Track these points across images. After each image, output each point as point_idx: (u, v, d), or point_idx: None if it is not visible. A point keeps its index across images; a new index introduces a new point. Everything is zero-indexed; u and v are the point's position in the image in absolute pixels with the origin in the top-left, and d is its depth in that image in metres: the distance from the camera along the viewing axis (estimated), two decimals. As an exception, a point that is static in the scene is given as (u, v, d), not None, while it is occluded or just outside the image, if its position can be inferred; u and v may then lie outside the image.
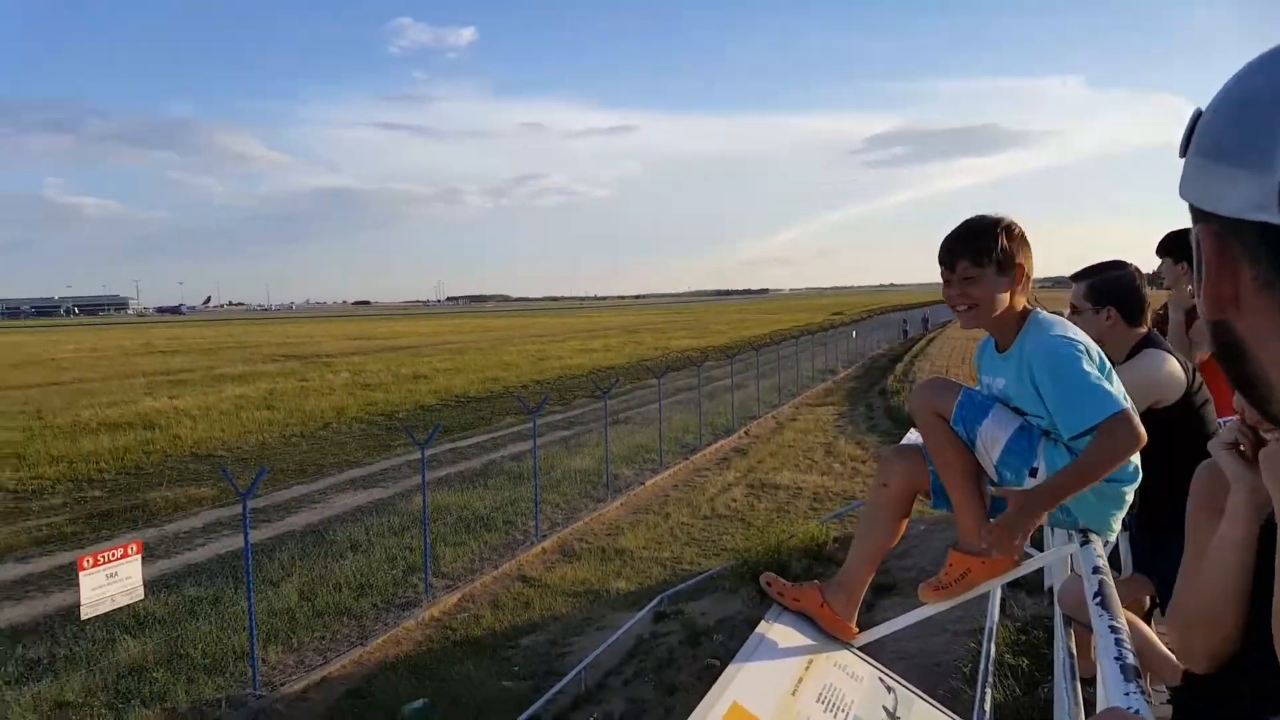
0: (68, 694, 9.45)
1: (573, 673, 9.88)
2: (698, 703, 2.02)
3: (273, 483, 18.95)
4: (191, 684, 9.86)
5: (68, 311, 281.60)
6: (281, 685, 10.14)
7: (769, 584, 2.67)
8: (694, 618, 11.43)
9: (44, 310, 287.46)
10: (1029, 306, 2.52)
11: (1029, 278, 2.48)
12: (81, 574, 8.27)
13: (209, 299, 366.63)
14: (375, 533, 15.55)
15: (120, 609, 8.95)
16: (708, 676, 9.58)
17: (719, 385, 31.44)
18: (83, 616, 8.51)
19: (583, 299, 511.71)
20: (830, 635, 2.57)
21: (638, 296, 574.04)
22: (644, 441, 23.20)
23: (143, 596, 9.02)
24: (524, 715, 8.92)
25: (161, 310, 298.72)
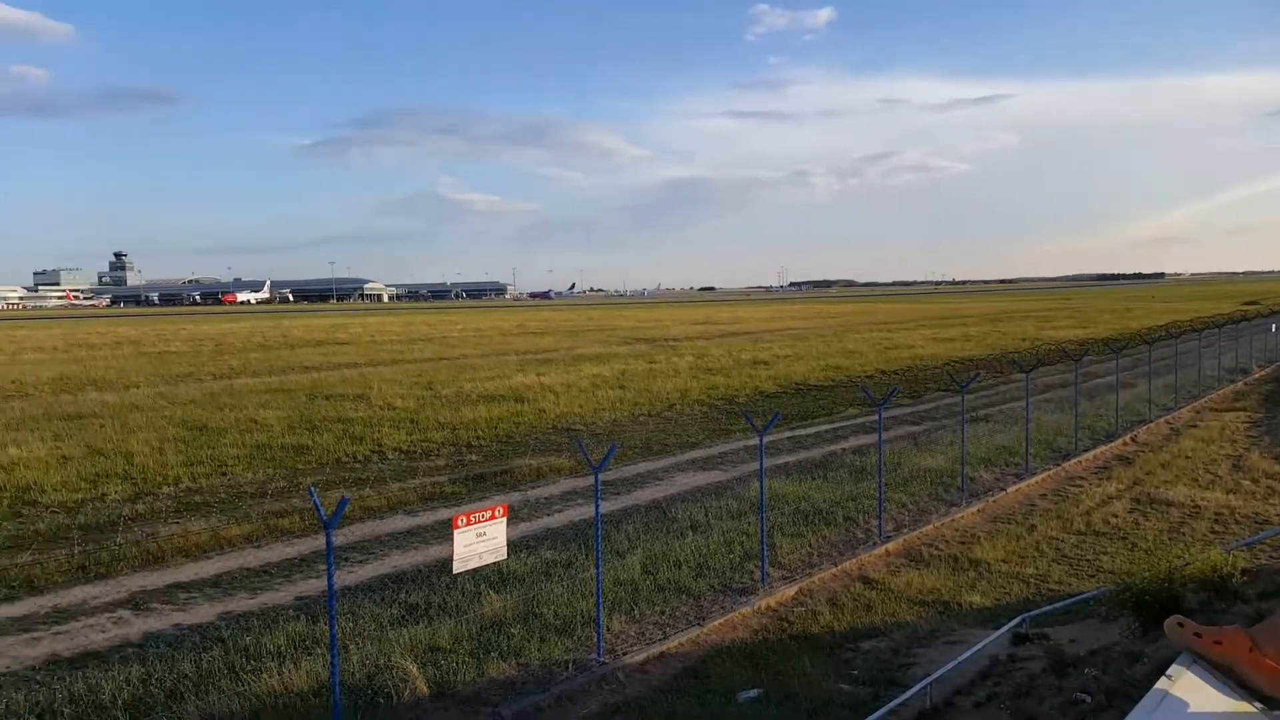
0: (439, 639, 10.43)
1: (918, 685, 9.20)
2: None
3: (622, 458, 19.96)
4: (543, 643, 10.46)
5: (456, 295, 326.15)
6: (624, 655, 10.43)
7: (1180, 625, 2.35)
8: (1061, 644, 10.18)
9: (438, 294, 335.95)
10: None
11: None
12: (456, 532, 8.97)
13: (573, 285, 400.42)
14: (713, 515, 15.71)
15: (486, 566, 9.61)
16: (1074, 713, 8.36)
17: (1100, 383, 28.51)
18: (454, 571, 9.25)
19: (937, 284, 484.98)
20: (1260, 691, 2.16)
21: (1004, 281, 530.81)
22: (1006, 443, 21.48)
23: (505, 556, 9.61)
24: (863, 722, 8.34)
25: (534, 295, 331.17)
